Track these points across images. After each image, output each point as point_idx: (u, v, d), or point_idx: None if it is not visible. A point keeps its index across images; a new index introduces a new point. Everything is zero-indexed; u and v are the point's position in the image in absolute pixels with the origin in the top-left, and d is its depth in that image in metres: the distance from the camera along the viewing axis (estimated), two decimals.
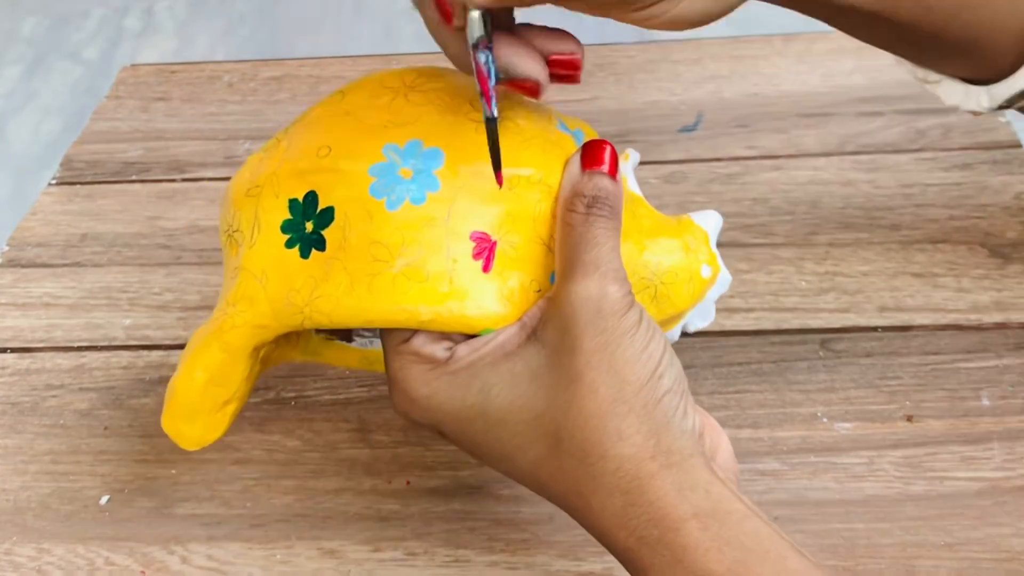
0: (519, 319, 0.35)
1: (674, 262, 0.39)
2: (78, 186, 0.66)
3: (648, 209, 0.40)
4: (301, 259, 0.35)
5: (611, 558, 0.42)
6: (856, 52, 0.70)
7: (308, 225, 0.35)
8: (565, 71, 0.35)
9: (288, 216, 0.36)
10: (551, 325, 0.34)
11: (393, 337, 0.36)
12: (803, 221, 0.57)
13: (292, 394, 0.51)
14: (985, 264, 0.54)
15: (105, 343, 0.54)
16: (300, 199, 0.36)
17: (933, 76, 0.46)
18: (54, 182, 0.66)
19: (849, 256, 0.55)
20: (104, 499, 0.47)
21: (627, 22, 0.34)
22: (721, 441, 0.35)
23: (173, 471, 0.47)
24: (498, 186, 0.35)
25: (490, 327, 0.35)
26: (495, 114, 0.33)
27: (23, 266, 0.60)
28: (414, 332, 0.35)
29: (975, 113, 0.45)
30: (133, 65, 0.77)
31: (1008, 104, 0.44)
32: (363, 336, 0.43)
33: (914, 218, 0.57)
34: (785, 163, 0.62)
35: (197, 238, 0.60)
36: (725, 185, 0.60)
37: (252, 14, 1.87)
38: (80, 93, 1.70)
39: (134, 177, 0.66)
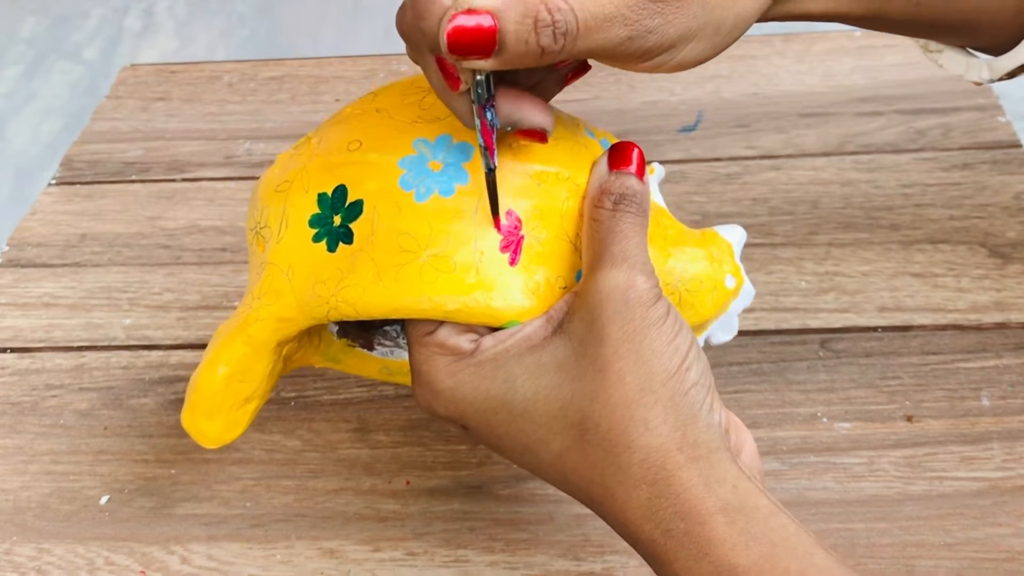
0: (545, 312, 0.35)
1: (699, 270, 0.39)
2: (78, 186, 0.66)
3: (672, 220, 0.40)
4: (328, 253, 0.35)
5: (611, 557, 0.42)
6: (856, 52, 0.70)
7: (336, 219, 0.36)
8: (530, 139, 0.36)
9: (316, 211, 0.36)
10: (578, 317, 0.34)
11: (418, 329, 0.36)
12: (803, 221, 0.58)
13: (292, 394, 0.51)
14: (985, 264, 0.54)
15: (105, 343, 0.54)
16: (329, 193, 0.36)
17: (934, 45, 0.46)
18: (54, 182, 0.66)
19: (849, 256, 0.55)
20: (104, 499, 0.47)
21: (637, 71, 0.35)
22: (746, 439, 0.35)
23: (173, 471, 0.48)
24: (496, 228, 0.35)
25: (516, 319, 0.35)
26: (495, 165, 0.34)
27: (23, 266, 0.60)
28: (439, 324, 0.35)
29: (977, 83, 0.45)
30: (133, 65, 0.77)
31: (1009, 76, 0.44)
32: (384, 345, 0.43)
33: (914, 218, 0.57)
34: (785, 163, 0.62)
35: (197, 238, 0.60)
36: (725, 185, 0.60)
37: (252, 14, 1.87)
38: (80, 93, 1.70)
39: (134, 177, 0.66)
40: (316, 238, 0.36)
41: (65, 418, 0.50)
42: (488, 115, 0.33)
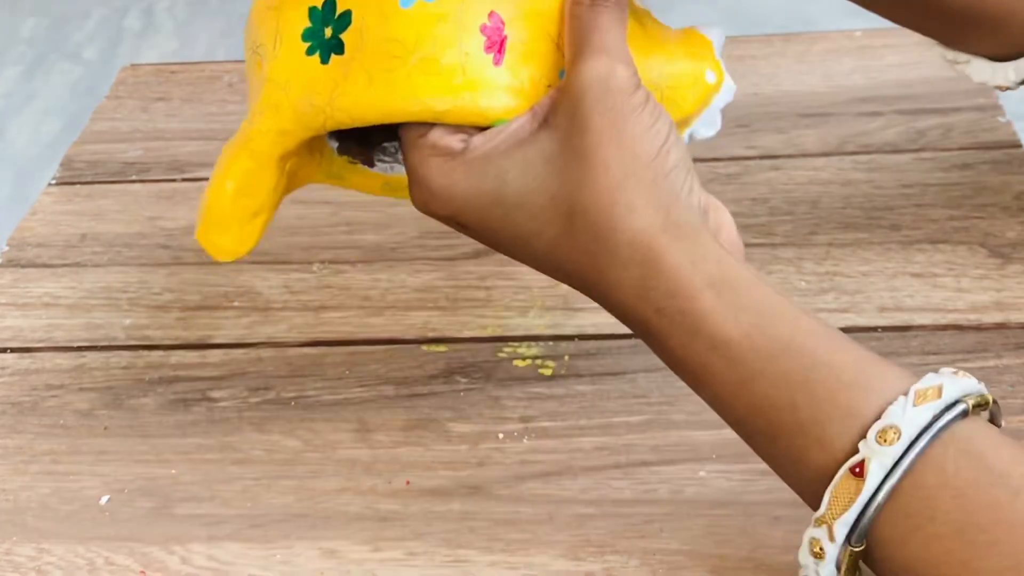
0: (530, 109, 0.36)
1: (679, 67, 0.40)
2: (78, 186, 0.66)
3: (653, 20, 0.41)
4: (322, 64, 0.37)
5: (611, 557, 0.42)
6: (856, 52, 0.70)
7: (327, 31, 0.37)
8: None
9: (308, 24, 0.37)
10: (561, 109, 0.35)
11: (411, 133, 0.37)
12: (803, 221, 0.58)
13: (292, 394, 0.51)
14: (985, 264, 0.54)
15: (105, 343, 0.54)
16: (319, 6, 0.37)
17: (963, 57, 0.48)
18: (54, 182, 0.66)
19: (849, 256, 0.55)
20: (104, 499, 0.47)
21: None
22: (724, 219, 0.37)
23: (173, 471, 0.47)
24: None
25: (503, 118, 0.36)
26: None
27: (23, 266, 0.60)
28: (431, 127, 0.37)
29: (1001, 88, 0.47)
30: (133, 65, 0.77)
31: None
32: (384, 161, 0.44)
33: (914, 218, 0.57)
34: (785, 163, 0.62)
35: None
36: (725, 185, 0.60)
37: None
38: (80, 93, 1.70)
39: (134, 177, 0.66)
40: (309, 51, 0.37)
41: (65, 418, 0.50)
42: None
